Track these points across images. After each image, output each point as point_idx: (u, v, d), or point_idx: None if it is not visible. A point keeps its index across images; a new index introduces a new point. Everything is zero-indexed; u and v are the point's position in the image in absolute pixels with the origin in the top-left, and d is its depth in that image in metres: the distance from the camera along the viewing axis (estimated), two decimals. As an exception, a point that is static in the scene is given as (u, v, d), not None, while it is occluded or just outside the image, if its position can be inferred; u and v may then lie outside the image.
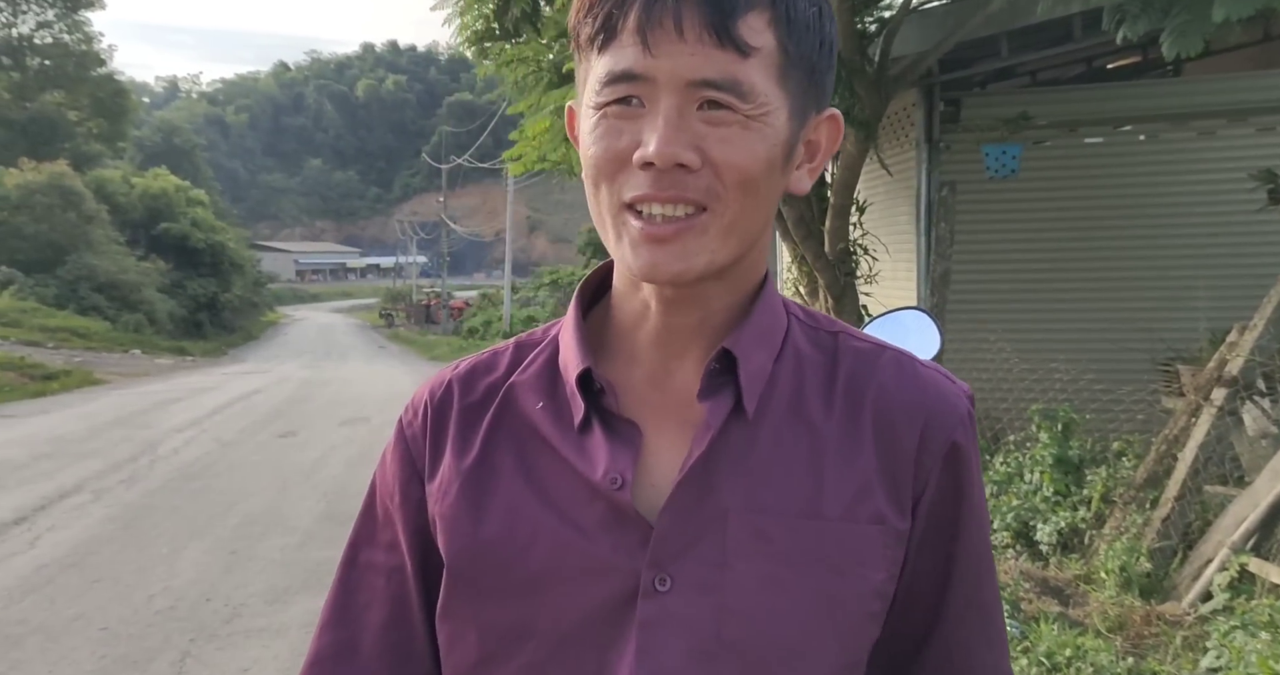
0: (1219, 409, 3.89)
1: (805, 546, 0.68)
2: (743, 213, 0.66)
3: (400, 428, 0.80)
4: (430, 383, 0.81)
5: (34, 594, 4.68)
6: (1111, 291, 6.29)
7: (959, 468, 0.72)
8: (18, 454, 8.56)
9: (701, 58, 0.62)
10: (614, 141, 0.65)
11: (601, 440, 0.70)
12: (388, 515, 0.79)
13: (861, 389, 0.72)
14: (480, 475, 0.73)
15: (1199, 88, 6.50)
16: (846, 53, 5.36)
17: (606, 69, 0.65)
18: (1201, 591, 3.60)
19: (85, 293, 24.51)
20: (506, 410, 0.75)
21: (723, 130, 0.64)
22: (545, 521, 0.70)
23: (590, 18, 0.66)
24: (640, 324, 0.73)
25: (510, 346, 0.80)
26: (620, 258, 0.68)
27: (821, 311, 0.81)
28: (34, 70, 35.55)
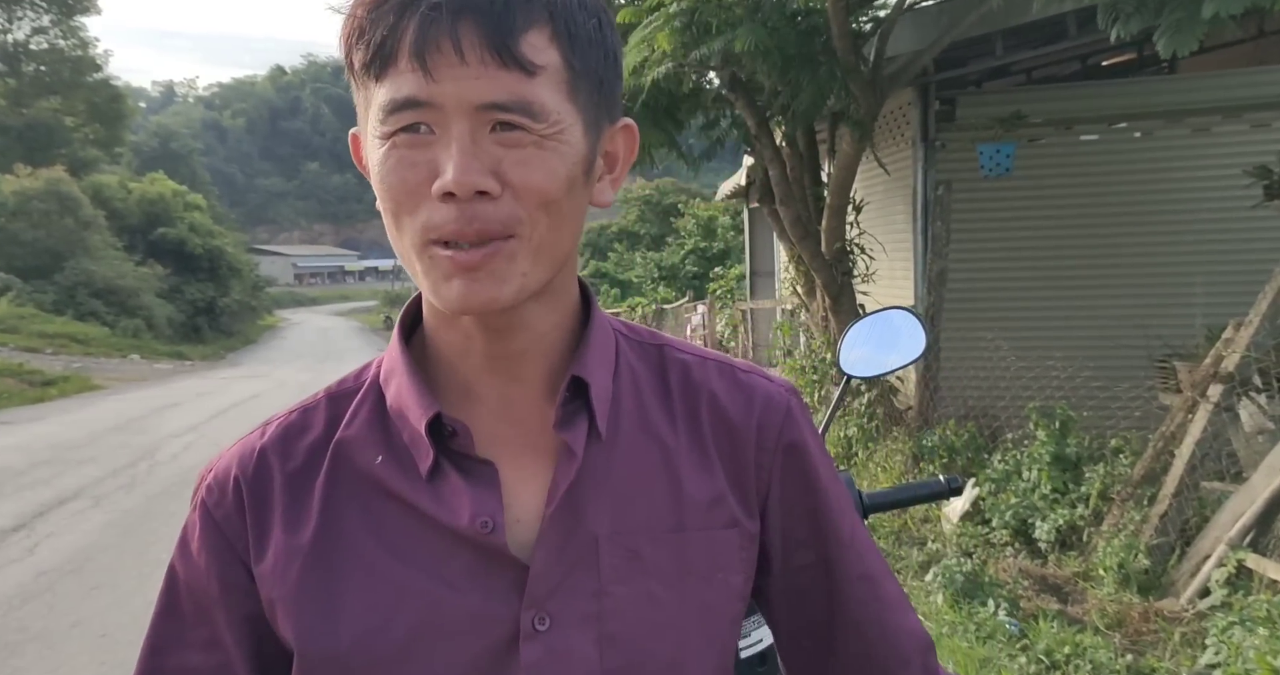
0: (1215, 405, 3.89)
1: (674, 560, 0.69)
2: (550, 233, 0.64)
3: (205, 510, 0.71)
4: (230, 455, 0.73)
5: (33, 601, 4.68)
6: (1108, 289, 6.30)
7: (800, 461, 0.75)
8: (16, 460, 8.56)
9: (486, 80, 0.60)
10: (408, 173, 0.62)
11: (459, 484, 0.67)
12: (202, 611, 0.71)
13: (695, 400, 0.74)
14: (325, 547, 0.68)
15: (1193, 84, 6.51)
16: (841, 52, 5.37)
17: (389, 96, 0.61)
18: (1199, 588, 3.60)
19: (83, 298, 24.48)
20: (339, 470, 0.70)
21: (518, 152, 0.62)
22: (409, 584, 0.66)
23: (362, 43, 0.62)
24: (465, 356, 0.70)
25: (321, 400, 0.74)
26: (431, 291, 0.64)
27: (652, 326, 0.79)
28: (30, 76, 35.52)
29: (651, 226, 36.60)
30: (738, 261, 20.73)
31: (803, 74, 5.36)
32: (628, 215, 38.80)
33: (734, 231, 26.58)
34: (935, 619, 3.77)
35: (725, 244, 28.06)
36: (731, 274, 20.43)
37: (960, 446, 5.27)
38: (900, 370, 1.56)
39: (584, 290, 0.75)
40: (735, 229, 25.96)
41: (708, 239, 29.32)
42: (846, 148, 6.06)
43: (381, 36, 0.61)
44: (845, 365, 1.57)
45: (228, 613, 0.70)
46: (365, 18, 0.62)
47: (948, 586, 3.89)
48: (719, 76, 6.22)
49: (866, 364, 1.57)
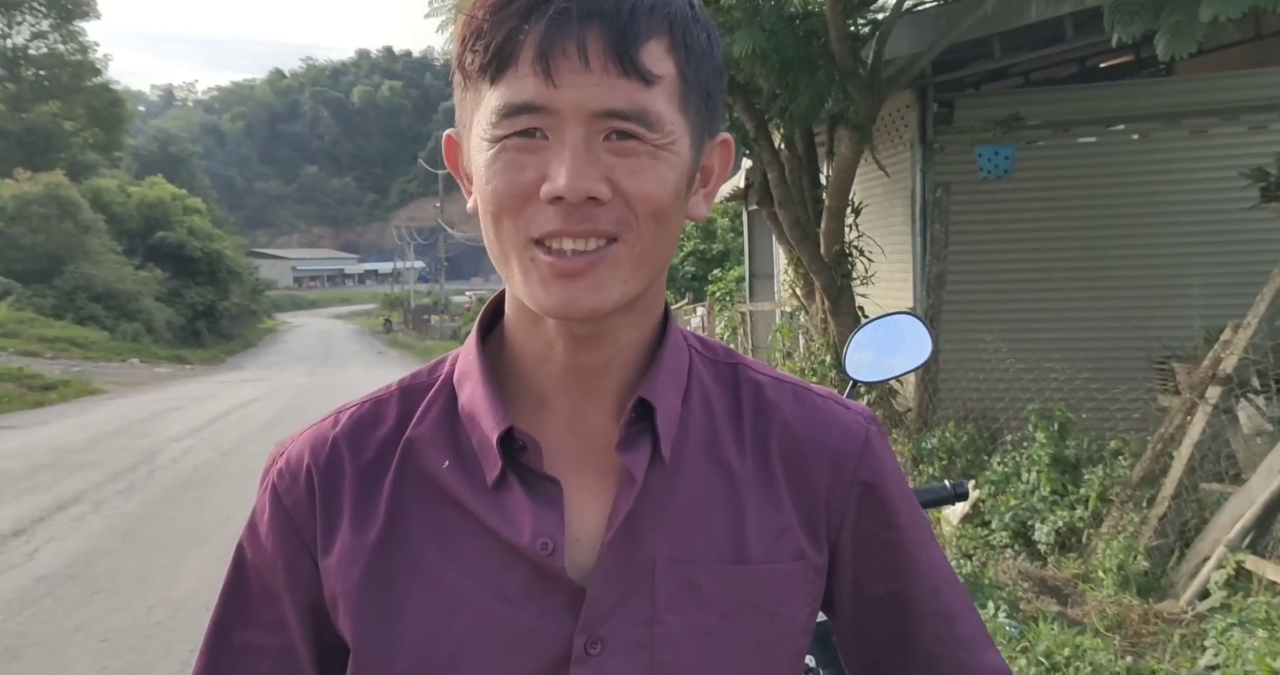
0: (1214, 407, 3.90)
1: (733, 592, 0.68)
2: (653, 242, 0.64)
3: (275, 495, 0.71)
4: (303, 440, 0.73)
5: (33, 606, 4.68)
6: (1106, 290, 6.30)
7: (877, 495, 0.73)
8: (16, 465, 8.56)
9: (607, 88, 0.60)
10: (517, 176, 0.62)
11: (523, 500, 0.66)
12: (268, 592, 0.71)
13: (767, 426, 0.72)
14: (389, 550, 0.68)
15: (1191, 86, 6.52)
16: (840, 56, 5.38)
17: (504, 100, 0.61)
18: (1199, 589, 3.60)
19: (83, 302, 24.50)
20: (407, 469, 0.70)
21: (631, 161, 0.62)
22: (466, 594, 0.66)
23: (481, 46, 0.62)
24: (543, 365, 0.69)
25: (394, 393, 0.74)
26: (528, 295, 0.64)
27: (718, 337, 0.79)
28: (29, 81, 35.55)
29: (651, 229, 36.62)
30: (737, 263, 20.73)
31: (801, 77, 5.37)
32: (627, 218, 38.80)
33: (733, 233, 26.58)
34: (935, 621, 3.77)
35: (724, 246, 28.06)
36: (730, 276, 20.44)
37: (960, 448, 5.28)
38: (905, 375, 1.56)
39: (665, 308, 0.74)
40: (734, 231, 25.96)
41: (707, 241, 29.33)
42: (845, 150, 6.07)
43: (503, 38, 0.61)
44: (851, 370, 1.57)
45: (293, 599, 0.70)
46: (486, 19, 0.62)
47: (947, 589, 3.89)
48: (717, 79, 6.23)
49: (872, 369, 1.57)
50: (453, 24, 6.77)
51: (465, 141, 0.67)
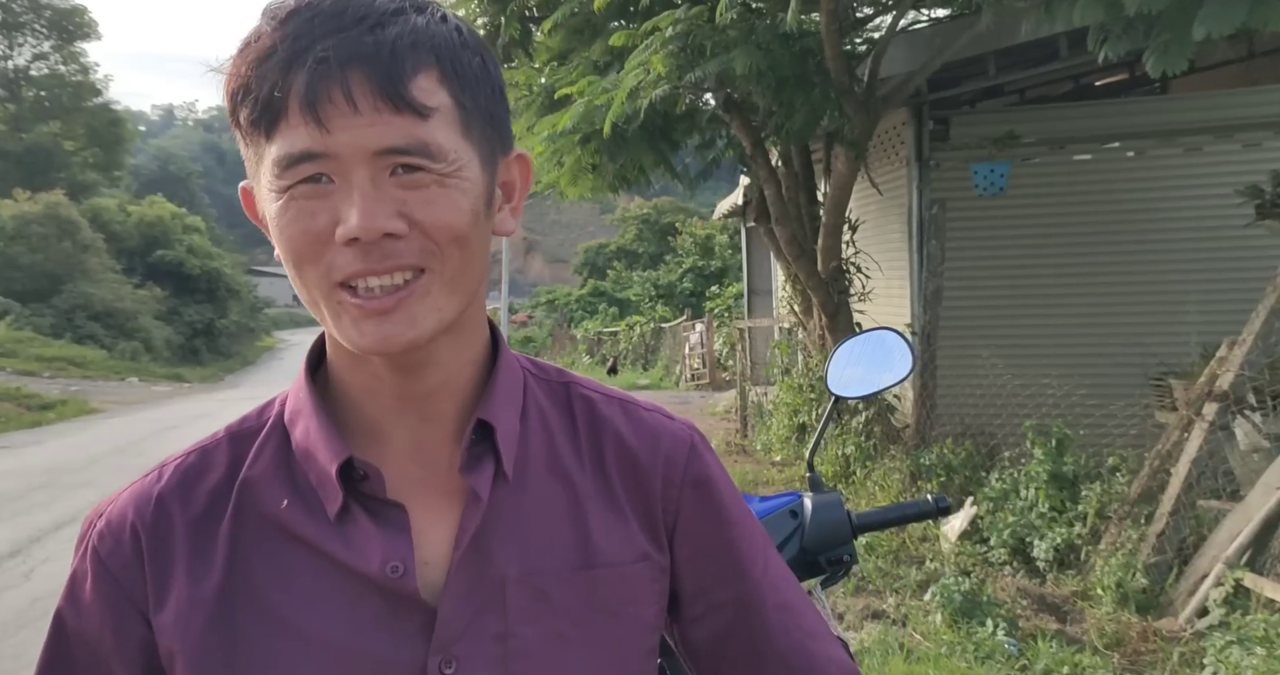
0: (1211, 424, 3.90)
1: (583, 597, 0.69)
2: (461, 266, 0.65)
3: (97, 559, 0.69)
4: (124, 501, 0.71)
5: (28, 627, 4.66)
6: (1102, 307, 6.32)
7: (707, 495, 0.77)
8: (14, 485, 8.54)
9: (382, 126, 0.60)
10: (310, 223, 0.62)
11: (369, 528, 0.66)
12: (95, 661, 0.69)
13: (601, 438, 0.75)
14: (231, 597, 0.67)
15: (1185, 104, 6.57)
16: (835, 74, 5.42)
17: (283, 151, 0.61)
18: (1198, 607, 3.59)
19: (81, 321, 24.52)
20: (244, 514, 0.69)
21: (421, 192, 0.62)
22: (315, 633, 0.65)
23: (249, 100, 0.62)
24: (374, 396, 0.69)
25: (222, 440, 0.73)
26: (344, 337, 0.64)
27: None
28: (30, 101, 35.76)
29: (649, 245, 36.75)
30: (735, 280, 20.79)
31: (797, 95, 5.41)
32: (626, 234, 38.95)
33: (731, 250, 26.67)
34: (933, 639, 3.76)
35: (723, 262, 28.17)
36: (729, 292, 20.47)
37: (957, 465, 5.27)
38: (888, 390, 1.57)
39: (493, 329, 0.75)
40: (733, 247, 26.06)
41: (705, 257, 29.44)
42: (841, 167, 6.10)
43: (270, 92, 0.61)
44: (834, 386, 1.58)
45: (125, 664, 0.68)
46: (250, 74, 0.62)
47: (946, 606, 3.88)
48: (714, 98, 6.27)
49: (855, 384, 1.58)
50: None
51: (257, 193, 0.67)
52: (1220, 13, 3.39)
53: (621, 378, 19.17)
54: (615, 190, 7.21)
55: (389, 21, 0.62)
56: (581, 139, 5.80)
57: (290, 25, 0.61)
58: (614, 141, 5.82)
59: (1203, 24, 3.38)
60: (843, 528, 1.47)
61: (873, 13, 6.48)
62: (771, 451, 7.83)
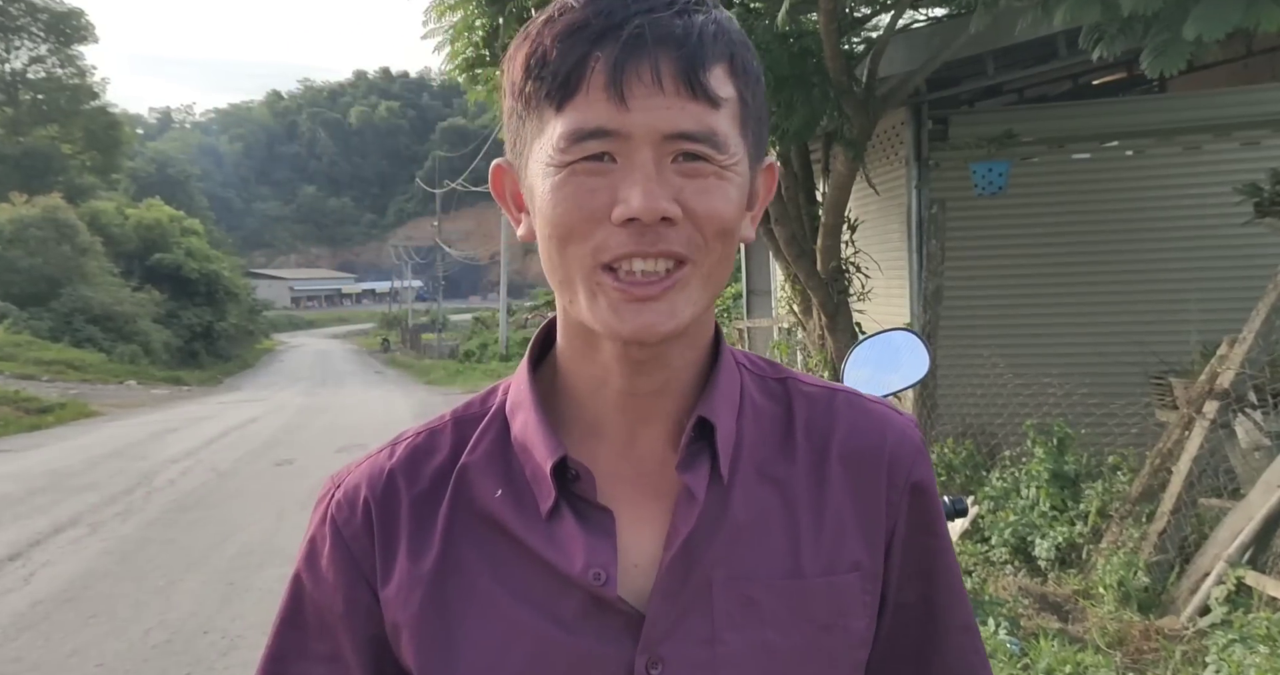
0: (1211, 422, 3.90)
1: (791, 607, 0.68)
2: (719, 262, 0.65)
3: (333, 526, 0.71)
4: (360, 472, 0.73)
5: (29, 631, 4.65)
6: (1102, 306, 6.32)
7: (925, 500, 0.75)
8: (13, 489, 8.53)
9: (678, 110, 0.61)
10: (587, 200, 0.62)
11: (575, 529, 0.67)
12: (324, 624, 0.71)
13: (822, 435, 0.73)
14: (445, 578, 0.69)
15: (1184, 103, 6.58)
16: (834, 74, 5.42)
17: (574, 126, 0.61)
18: (1200, 605, 3.59)
19: (80, 325, 24.49)
20: (460, 499, 0.70)
21: (700, 182, 0.63)
22: (523, 622, 0.66)
23: (548, 72, 0.62)
24: (597, 391, 0.70)
25: (448, 423, 0.74)
26: (598, 321, 0.64)
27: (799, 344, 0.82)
28: (27, 105, 35.76)
29: (648, 247, 36.72)
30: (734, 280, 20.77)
31: (795, 94, 5.40)
32: (624, 236, 38.91)
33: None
34: (936, 639, 3.75)
35: (722, 263, 28.19)
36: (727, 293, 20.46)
37: (958, 464, 5.27)
38: (904, 391, 1.57)
39: (715, 328, 0.74)
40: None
41: (704, 259, 29.47)
42: (840, 167, 6.10)
43: (573, 64, 0.61)
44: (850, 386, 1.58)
45: (351, 631, 0.71)
46: (554, 46, 0.62)
47: (948, 606, 3.88)
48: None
49: (870, 385, 1.58)
50: (449, 44, 6.82)
51: (521, 169, 0.67)
52: (1214, 13, 3.39)
53: (621, 379, 19.14)
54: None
55: (695, 9, 0.63)
56: (580, 139, 5.79)
57: (602, 2, 0.62)
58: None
59: (1195, 25, 3.38)
60: None
61: (871, 12, 6.48)
62: (772, 452, 7.83)
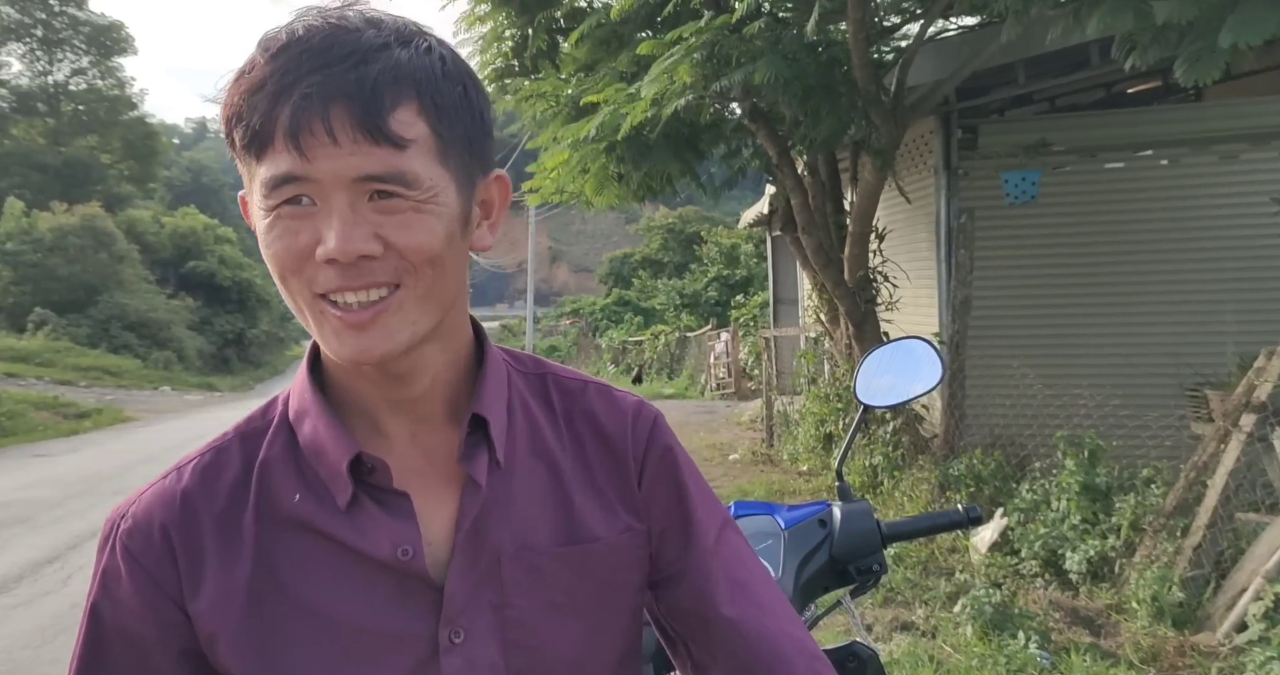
0: (1249, 435, 3.84)
1: (572, 569, 0.77)
2: (436, 283, 0.70)
3: (128, 555, 0.73)
4: (148, 501, 0.75)
5: (66, 633, 4.73)
6: (1135, 316, 6.24)
7: (669, 464, 0.84)
8: (51, 493, 8.68)
9: (360, 156, 0.65)
10: (293, 240, 0.67)
11: (378, 516, 0.73)
12: (135, 649, 0.73)
13: (581, 420, 0.83)
14: (260, 584, 0.72)
15: (1220, 112, 6.48)
16: (862, 83, 5.41)
17: (269, 173, 0.66)
18: (1236, 621, 3.52)
19: (116, 331, 24.93)
20: (263, 507, 0.74)
21: (398, 217, 0.67)
22: (335, 614, 0.71)
23: (240, 127, 0.67)
24: (370, 399, 0.75)
25: (234, 439, 0.78)
26: (325, 346, 0.70)
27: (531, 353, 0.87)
28: (68, 116, 36.49)
29: (674, 254, 36.73)
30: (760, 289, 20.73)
31: (823, 104, 5.40)
32: (651, 243, 38.98)
33: (757, 259, 26.62)
34: (964, 651, 3.71)
35: (748, 271, 28.10)
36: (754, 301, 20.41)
37: (987, 475, 5.21)
38: (917, 400, 1.56)
39: (476, 328, 0.80)
40: (758, 256, 26.00)
41: (731, 266, 29.38)
42: (868, 176, 6.08)
43: (259, 121, 0.66)
44: (863, 395, 1.57)
45: (166, 649, 0.73)
46: (242, 104, 0.67)
47: (977, 618, 3.84)
48: (740, 107, 6.28)
49: (884, 393, 1.57)
50: (479, 55, 6.89)
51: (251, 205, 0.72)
52: (1250, 20, 3.35)
53: (646, 387, 19.15)
54: (641, 199, 7.23)
55: (372, 58, 0.66)
56: (606, 147, 5.82)
57: (280, 60, 0.66)
58: (638, 150, 5.84)
59: (1231, 32, 3.34)
60: (872, 537, 1.46)
61: (901, 21, 6.46)
62: (798, 461, 7.79)
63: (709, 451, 9.56)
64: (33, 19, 36.33)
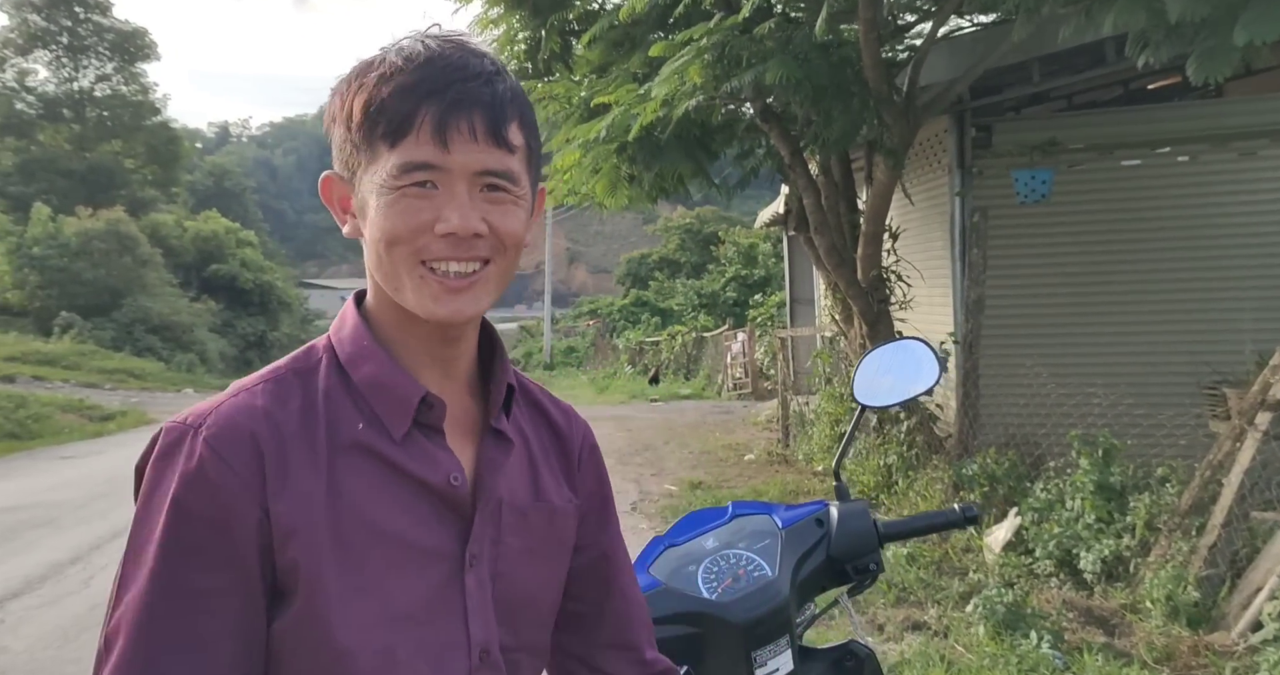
0: (1265, 433, 3.81)
1: (543, 522, 0.95)
2: (511, 264, 0.88)
3: (214, 456, 0.80)
4: (231, 412, 0.83)
5: (88, 632, 4.80)
6: (1152, 315, 6.19)
7: (597, 461, 1.06)
8: (75, 495, 8.81)
9: (486, 154, 0.83)
10: (415, 216, 0.83)
11: (428, 448, 0.87)
12: (224, 538, 0.79)
13: (535, 408, 1.02)
14: (330, 495, 0.82)
15: (1238, 108, 6.41)
16: (873, 83, 5.40)
17: (406, 159, 0.82)
18: (1251, 621, 3.50)
19: (140, 334, 25.20)
20: (332, 431, 0.85)
21: (500, 207, 0.85)
22: (390, 525, 0.84)
23: (383, 117, 0.82)
24: (415, 356, 0.89)
25: (288, 374, 0.88)
26: (420, 306, 0.85)
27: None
28: (93, 121, 36.92)
29: (692, 254, 36.69)
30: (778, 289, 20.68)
31: (834, 104, 5.40)
32: (668, 243, 38.95)
33: (775, 258, 26.54)
34: (976, 651, 3.71)
35: (766, 271, 28.03)
36: (771, 301, 20.37)
37: (1001, 475, 5.19)
38: (914, 399, 1.58)
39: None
40: (776, 256, 25.92)
41: (749, 266, 29.31)
42: (881, 176, 6.07)
43: (405, 114, 0.81)
44: (860, 395, 1.59)
45: (249, 540, 0.80)
46: (389, 98, 0.82)
47: (989, 618, 3.83)
48: (752, 107, 6.29)
49: (883, 393, 1.59)
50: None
51: (354, 184, 0.87)
52: (1265, 17, 3.32)
53: (663, 387, 19.14)
54: (654, 200, 7.24)
55: (496, 80, 0.85)
56: (617, 148, 5.84)
57: (426, 69, 0.82)
58: (648, 150, 5.86)
59: (1245, 29, 3.32)
60: (869, 536, 1.47)
61: (915, 19, 6.44)
62: (813, 461, 7.78)
63: (724, 452, 9.56)
64: (58, 26, 36.81)
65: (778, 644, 1.35)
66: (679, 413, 14.30)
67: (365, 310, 0.92)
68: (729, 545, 1.44)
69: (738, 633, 1.31)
